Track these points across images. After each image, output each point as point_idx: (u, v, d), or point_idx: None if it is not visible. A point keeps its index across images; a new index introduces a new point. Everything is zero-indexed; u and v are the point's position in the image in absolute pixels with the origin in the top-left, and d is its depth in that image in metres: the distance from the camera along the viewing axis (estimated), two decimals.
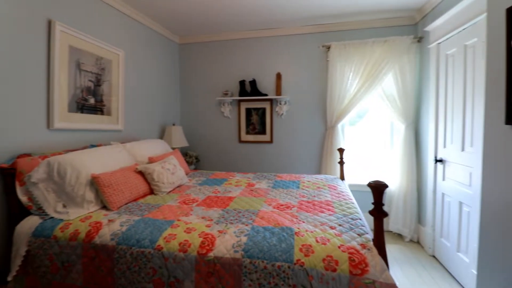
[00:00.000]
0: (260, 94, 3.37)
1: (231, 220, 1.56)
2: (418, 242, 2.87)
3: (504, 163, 1.31)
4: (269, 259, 1.24)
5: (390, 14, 2.95)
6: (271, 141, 3.49)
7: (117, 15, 2.64)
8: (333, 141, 3.15)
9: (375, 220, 1.25)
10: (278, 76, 3.36)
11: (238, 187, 2.33)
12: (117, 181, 1.84)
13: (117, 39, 2.64)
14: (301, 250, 1.26)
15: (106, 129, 2.50)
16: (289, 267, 1.21)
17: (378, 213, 1.22)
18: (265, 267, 1.23)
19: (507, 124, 1.27)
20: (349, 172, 3.25)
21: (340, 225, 1.49)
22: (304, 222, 1.53)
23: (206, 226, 1.48)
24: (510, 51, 1.25)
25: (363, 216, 1.67)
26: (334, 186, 2.35)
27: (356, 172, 3.34)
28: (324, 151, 3.24)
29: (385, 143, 3.29)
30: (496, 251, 1.36)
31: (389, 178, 3.09)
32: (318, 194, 2.10)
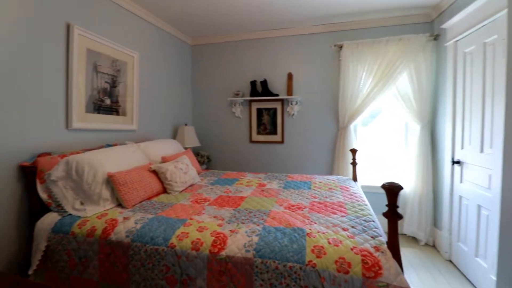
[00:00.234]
0: (271, 94, 3.37)
1: (243, 219, 1.57)
2: (434, 246, 2.79)
3: None
4: (280, 259, 1.24)
5: (405, 12, 2.89)
6: (282, 141, 3.48)
7: (132, 18, 2.71)
8: (345, 142, 3.11)
9: (389, 223, 1.22)
10: (289, 76, 3.35)
11: (249, 187, 2.34)
12: (132, 179, 1.88)
13: (132, 41, 2.70)
14: (313, 251, 1.25)
15: (121, 129, 2.57)
16: (300, 268, 1.20)
17: (393, 215, 1.20)
18: (277, 267, 1.23)
19: None
20: (362, 173, 3.20)
21: (352, 227, 1.47)
22: (316, 223, 1.52)
23: (218, 225, 1.50)
24: None
25: (376, 218, 1.64)
26: (347, 187, 2.32)
27: (369, 174, 3.28)
28: (336, 152, 3.21)
29: (399, 144, 3.22)
30: None
31: (404, 179, 3.02)
32: (330, 195, 2.07)
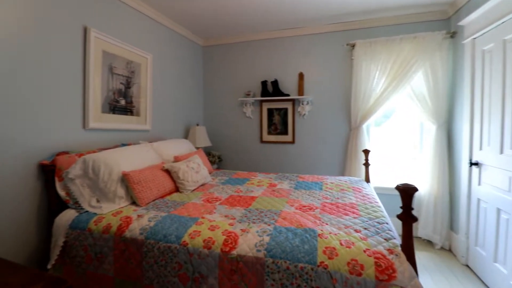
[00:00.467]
0: (282, 94, 3.36)
1: (254, 219, 1.58)
2: (450, 250, 2.70)
3: None
4: (291, 259, 1.23)
5: (420, 9, 2.81)
6: (293, 141, 3.47)
7: (145, 20, 2.77)
8: (357, 142, 3.07)
9: (404, 225, 1.20)
10: (301, 76, 3.33)
11: (260, 187, 2.34)
12: (146, 178, 1.93)
13: (145, 43, 2.76)
14: (324, 252, 1.24)
15: (135, 129, 2.63)
16: (312, 269, 1.20)
17: (407, 217, 1.17)
18: (288, 268, 1.22)
19: None
20: (375, 174, 3.14)
21: (365, 229, 1.44)
22: (327, 224, 1.51)
23: (229, 224, 1.51)
24: None
25: (390, 220, 1.61)
26: (359, 188, 2.28)
27: (382, 175, 3.22)
28: (348, 152, 3.16)
29: (414, 144, 3.14)
30: None
31: (418, 181, 2.94)
32: (342, 196, 2.05)
